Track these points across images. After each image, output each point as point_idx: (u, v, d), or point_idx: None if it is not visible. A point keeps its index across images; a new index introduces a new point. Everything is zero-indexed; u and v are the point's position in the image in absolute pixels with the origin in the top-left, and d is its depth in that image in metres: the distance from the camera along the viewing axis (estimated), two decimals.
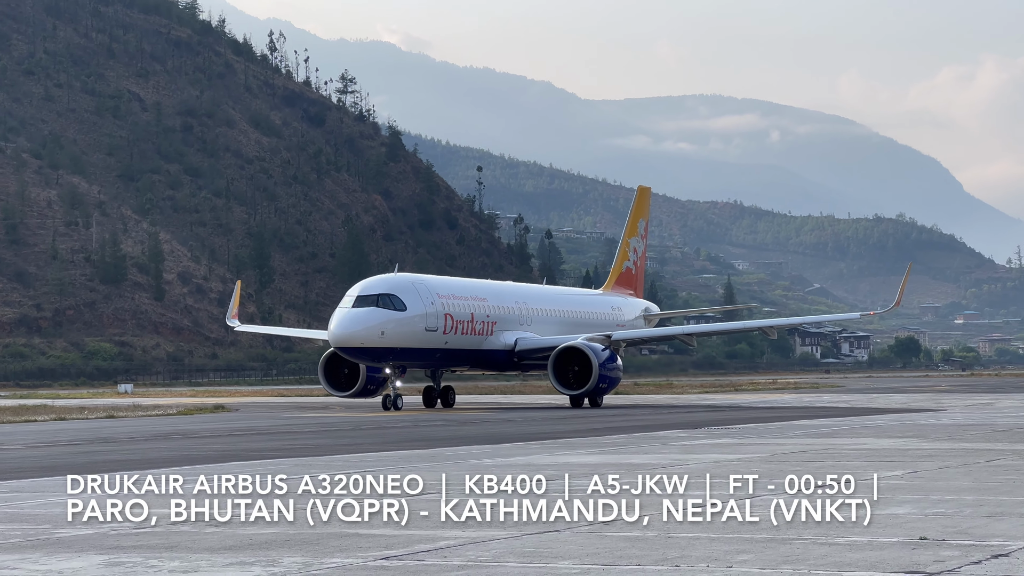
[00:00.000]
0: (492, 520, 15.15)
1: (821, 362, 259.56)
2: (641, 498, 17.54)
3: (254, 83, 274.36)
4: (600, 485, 19.64)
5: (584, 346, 61.95)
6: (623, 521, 14.92)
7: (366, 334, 56.94)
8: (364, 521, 15.21)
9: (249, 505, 17.22)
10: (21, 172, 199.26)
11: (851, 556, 12.20)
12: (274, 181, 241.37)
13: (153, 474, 22.83)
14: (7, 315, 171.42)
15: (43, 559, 12.66)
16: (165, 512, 16.52)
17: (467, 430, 38.98)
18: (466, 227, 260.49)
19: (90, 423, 46.93)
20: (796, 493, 17.98)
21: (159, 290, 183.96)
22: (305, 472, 22.85)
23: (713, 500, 17.10)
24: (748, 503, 16.70)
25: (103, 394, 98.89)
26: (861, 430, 35.70)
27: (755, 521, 14.77)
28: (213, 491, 19.48)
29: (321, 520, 15.38)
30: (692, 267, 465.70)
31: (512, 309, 66.77)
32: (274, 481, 21.01)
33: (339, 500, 17.74)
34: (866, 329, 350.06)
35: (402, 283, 59.92)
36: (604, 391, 62.74)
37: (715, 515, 15.41)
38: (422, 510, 16.33)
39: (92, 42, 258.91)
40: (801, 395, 77.27)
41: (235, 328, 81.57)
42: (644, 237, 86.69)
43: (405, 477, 21.56)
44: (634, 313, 79.24)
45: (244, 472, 22.87)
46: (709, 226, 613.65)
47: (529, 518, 15.30)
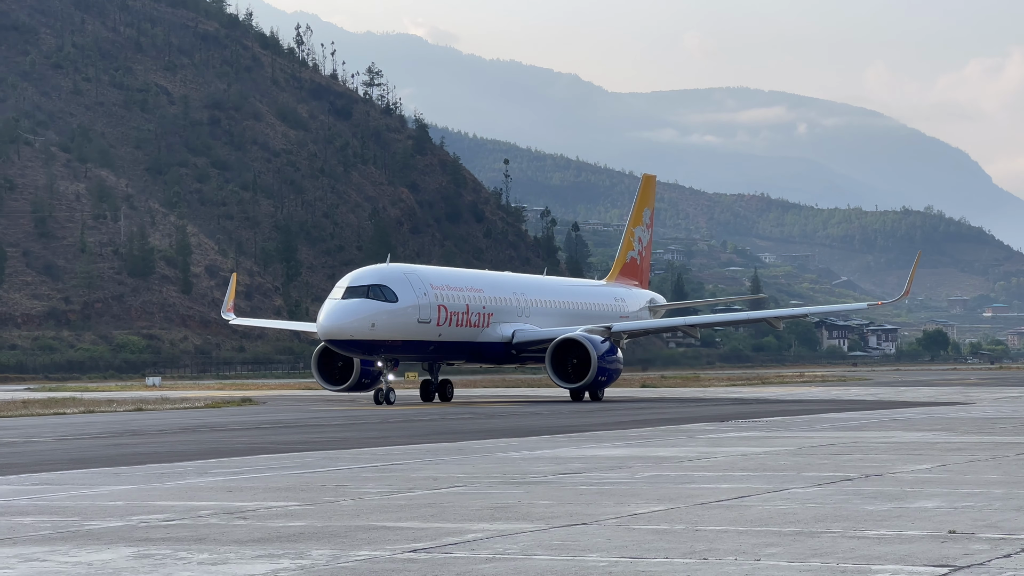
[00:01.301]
0: (520, 513, 15.16)
1: (848, 355, 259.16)
2: (669, 491, 17.53)
3: (281, 76, 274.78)
4: (627, 477, 19.64)
5: (583, 338, 59.88)
6: (650, 514, 14.92)
7: (356, 326, 54.75)
8: (392, 514, 15.24)
9: (277, 498, 17.26)
10: (50, 166, 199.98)
11: (880, 549, 12.17)
12: (301, 174, 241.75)
13: (181, 467, 22.92)
14: (36, 308, 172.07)
15: (73, 551, 12.71)
16: (193, 504, 16.56)
17: (494, 423, 38.99)
18: (493, 220, 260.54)
19: (119, 416, 47.07)
20: (824, 486, 17.96)
21: (186, 283, 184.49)
22: (333, 465, 22.89)
23: (741, 493, 17.09)
24: (776, 496, 16.67)
25: (131, 387, 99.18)
26: (889, 423, 35.60)
27: (783, 514, 14.75)
28: (241, 484, 19.53)
29: (349, 513, 15.41)
30: (719, 260, 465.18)
31: (509, 300, 64.51)
32: (302, 474, 21.06)
33: (367, 493, 17.77)
34: (894, 322, 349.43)
35: (393, 273, 57.75)
36: (604, 384, 60.70)
37: (743, 508, 15.40)
38: (450, 503, 16.35)
39: (120, 36, 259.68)
40: (828, 388, 77.06)
41: (230, 322, 79.02)
42: (650, 226, 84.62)
43: (433, 470, 21.59)
44: (638, 304, 77.01)
45: (272, 465, 22.95)
46: (736, 219, 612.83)
47: (556, 511, 15.31)
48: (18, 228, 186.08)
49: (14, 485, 19.81)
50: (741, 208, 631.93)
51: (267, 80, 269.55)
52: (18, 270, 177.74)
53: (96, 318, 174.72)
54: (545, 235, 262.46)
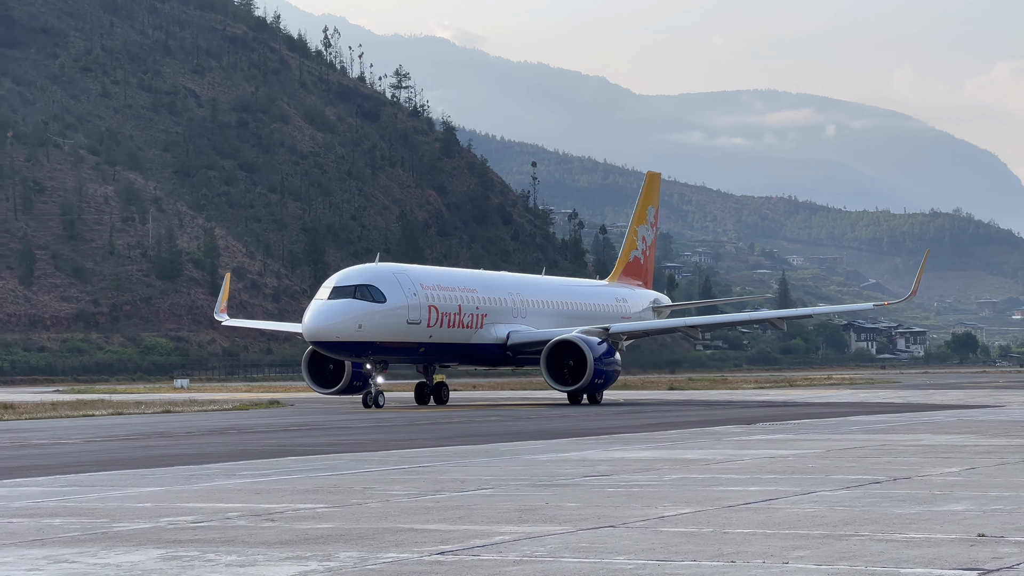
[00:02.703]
0: (547, 515, 15.16)
1: (876, 358, 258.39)
2: (696, 493, 17.51)
3: (309, 79, 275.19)
4: (655, 480, 19.62)
5: (578, 339, 58.48)
6: (678, 516, 14.90)
7: (342, 327, 53.31)
8: (419, 516, 15.25)
9: (305, 500, 17.29)
10: (79, 168, 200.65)
11: (908, 553, 12.14)
12: (328, 176, 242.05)
13: (209, 469, 22.97)
14: (65, 310, 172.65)
15: (101, 552, 12.75)
16: (222, 506, 16.60)
17: (521, 425, 38.99)
18: (520, 222, 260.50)
19: (147, 418, 47.21)
20: (852, 489, 17.91)
21: (214, 285, 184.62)
22: (360, 467, 22.92)
23: (768, 496, 17.06)
24: (804, 499, 16.64)
25: (159, 389, 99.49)
26: (918, 426, 35.50)
27: (811, 517, 14.72)
28: (269, 485, 19.57)
29: (376, 515, 15.43)
30: (746, 262, 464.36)
31: (505, 301, 62.75)
32: (330, 476, 21.09)
33: (394, 495, 17.79)
34: (922, 325, 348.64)
35: (382, 273, 56.22)
36: (601, 387, 59.22)
37: (771, 511, 15.38)
38: (477, 505, 16.35)
39: (148, 39, 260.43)
40: (857, 391, 76.83)
41: (223, 323, 77.07)
42: (654, 225, 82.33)
43: (460, 472, 21.60)
44: (641, 305, 75.25)
45: (300, 467, 22.99)
46: (763, 221, 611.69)
47: (584, 513, 15.31)
48: (47, 231, 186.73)
49: (43, 487, 19.88)
50: (769, 210, 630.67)
51: (295, 83, 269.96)
52: (47, 272, 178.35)
53: (124, 320, 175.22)
54: (573, 237, 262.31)
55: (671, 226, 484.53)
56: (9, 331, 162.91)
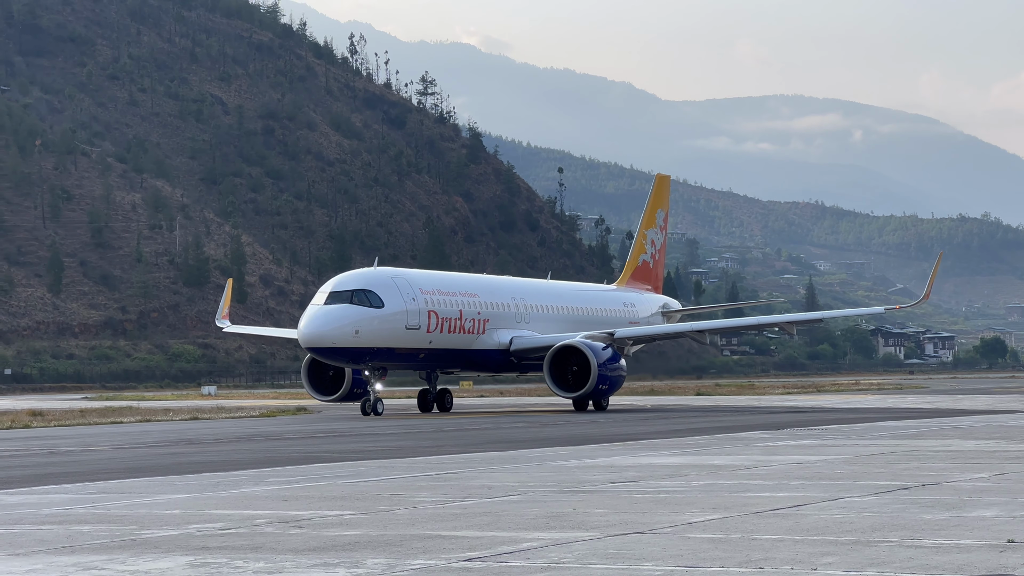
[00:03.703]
0: (575, 521, 15.15)
1: (905, 363, 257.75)
2: (724, 499, 17.47)
3: (335, 86, 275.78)
4: (682, 486, 19.59)
5: (582, 345, 57.08)
6: (706, 522, 14.87)
7: (338, 333, 52.08)
8: (447, 522, 15.25)
9: (332, 506, 17.30)
10: (106, 176, 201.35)
11: (937, 559, 12.09)
12: (355, 183, 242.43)
13: (237, 475, 23.01)
14: (93, 318, 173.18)
15: (130, 559, 12.78)
16: (249, 513, 16.62)
17: (548, 431, 38.95)
18: (547, 228, 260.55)
19: (175, 425, 47.31)
20: (881, 495, 17.85)
21: (241, 292, 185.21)
22: (387, 474, 22.92)
23: (796, 502, 17.01)
24: (832, 505, 16.59)
25: (187, 396, 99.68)
26: (946, 432, 35.37)
27: (840, 523, 14.68)
28: (297, 492, 19.58)
29: (404, 521, 15.43)
30: (773, 268, 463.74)
31: (508, 306, 61.45)
32: (357, 483, 21.10)
33: (421, 501, 17.79)
34: (951, 330, 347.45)
35: (379, 277, 54.87)
36: (605, 393, 58.05)
37: (799, 517, 15.33)
38: (504, 511, 16.34)
39: (175, 47, 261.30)
40: (885, 396, 76.56)
41: (224, 329, 75.15)
42: (663, 229, 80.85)
43: (487, 478, 21.59)
44: (650, 310, 73.96)
45: (327, 474, 23.00)
46: (790, 227, 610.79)
47: (611, 519, 15.28)
48: (75, 238, 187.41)
49: (72, 494, 19.93)
50: (795, 216, 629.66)
51: (321, 89, 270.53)
52: (75, 280, 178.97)
53: (152, 327, 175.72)
54: (599, 243, 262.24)
55: (698, 232, 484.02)
56: (38, 338, 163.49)
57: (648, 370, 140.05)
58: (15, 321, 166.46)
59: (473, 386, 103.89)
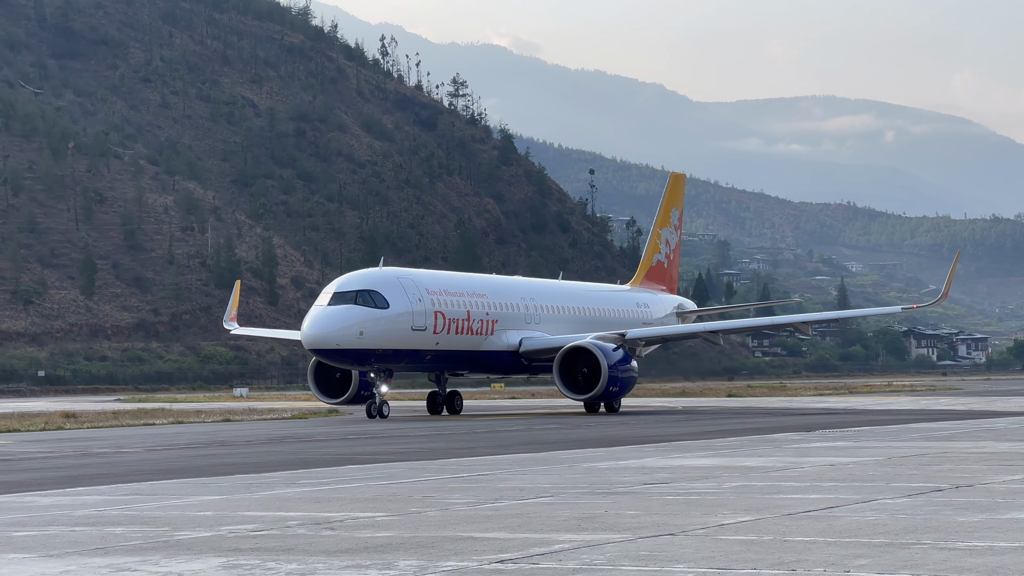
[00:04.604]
0: (606, 523, 15.13)
1: (937, 364, 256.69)
2: (756, 501, 17.43)
3: (366, 87, 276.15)
4: (714, 487, 19.55)
5: (592, 345, 56.42)
6: (738, 524, 14.84)
7: (341, 335, 51.42)
8: (478, 524, 15.25)
9: (364, 508, 17.32)
10: (138, 178, 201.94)
11: (971, 561, 12.05)
12: (386, 185, 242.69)
13: (269, 477, 23.06)
14: (125, 320, 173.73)
15: (163, 561, 12.81)
16: (281, 515, 16.65)
17: (580, 433, 38.94)
18: (579, 230, 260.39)
19: (207, 426, 47.43)
20: (914, 497, 17.79)
21: (273, 294, 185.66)
22: (419, 475, 22.94)
23: (829, 504, 16.96)
24: (865, 507, 16.54)
25: (219, 398, 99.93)
26: (980, 433, 35.23)
27: (872, 525, 14.63)
28: (328, 494, 19.61)
29: (435, 523, 15.43)
30: (805, 269, 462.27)
31: (517, 306, 60.55)
32: (389, 484, 21.12)
33: (453, 503, 17.80)
34: (984, 331, 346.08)
35: (385, 278, 54.07)
36: (616, 395, 57.31)
37: (831, 519, 15.29)
38: (536, 513, 16.34)
39: (207, 49, 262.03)
40: (917, 398, 76.34)
41: (231, 331, 74.83)
42: (678, 228, 79.64)
43: (519, 480, 21.59)
44: (664, 310, 72.73)
45: (359, 475, 23.03)
46: (822, 228, 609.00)
47: (643, 521, 15.26)
48: (108, 240, 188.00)
49: (105, 495, 20.00)
50: (827, 217, 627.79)
51: (352, 91, 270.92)
52: (108, 282, 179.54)
53: (184, 329, 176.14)
54: (631, 245, 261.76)
55: (729, 233, 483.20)
56: (71, 340, 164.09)
57: (680, 372, 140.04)
58: (48, 323, 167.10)
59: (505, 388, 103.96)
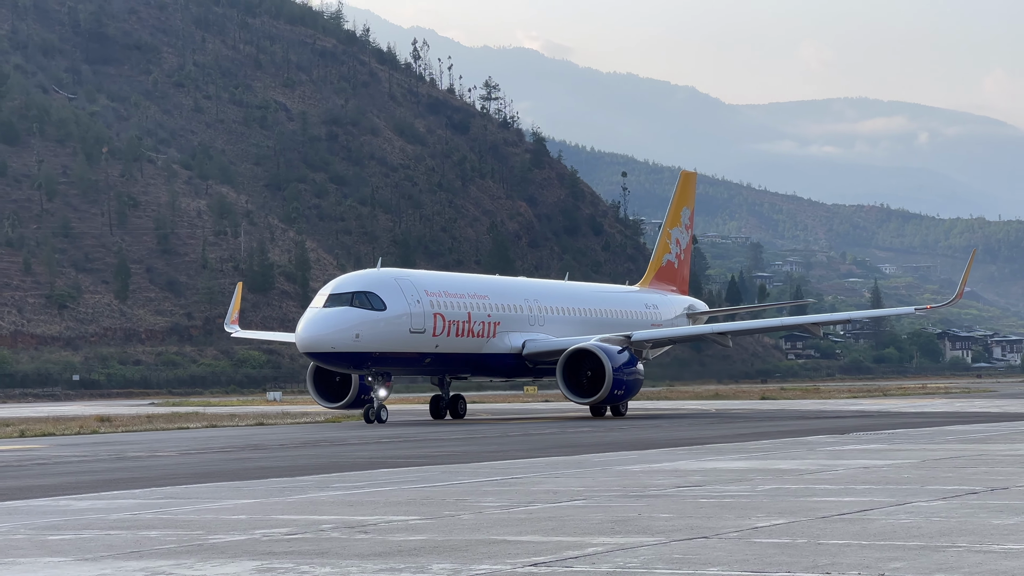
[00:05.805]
0: (640, 526, 15.10)
1: (972, 367, 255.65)
2: (790, 504, 17.37)
3: (398, 91, 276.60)
4: (748, 490, 19.50)
5: (596, 348, 55.41)
6: (772, 527, 14.79)
7: (337, 337, 50.01)
8: (512, 527, 15.23)
9: (398, 512, 17.32)
10: (172, 183, 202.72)
11: (1007, 564, 11.99)
12: (419, 188, 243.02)
13: (303, 481, 23.09)
14: (159, 324, 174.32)
15: (197, 564, 12.84)
16: (315, 518, 16.67)
17: (613, 436, 38.88)
18: (611, 233, 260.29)
19: (241, 430, 47.52)
20: (949, 500, 17.71)
21: (306, 298, 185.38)
22: (452, 479, 22.93)
23: (863, 506, 16.90)
24: (899, 510, 16.48)
25: (252, 401, 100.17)
26: (1016, 436, 35.05)
27: (907, 528, 14.56)
28: (362, 498, 19.62)
29: (469, 527, 15.42)
30: (838, 271, 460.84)
31: (520, 308, 59.31)
32: (422, 488, 21.13)
33: (487, 506, 17.78)
34: (1018, 333, 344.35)
35: (382, 279, 52.84)
36: (621, 398, 56.11)
37: (866, 522, 15.23)
38: (570, 516, 16.32)
39: (240, 54, 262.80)
40: (952, 400, 75.97)
41: (233, 335, 75.97)
42: (689, 228, 78.66)
43: (552, 483, 21.57)
44: (674, 312, 71.51)
45: (392, 479, 23.04)
46: (855, 230, 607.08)
47: (677, 524, 15.23)
48: (142, 245, 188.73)
49: (140, 499, 20.05)
50: (860, 219, 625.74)
51: (384, 95, 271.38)
52: (142, 286, 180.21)
53: (218, 333, 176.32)
54: None
55: (762, 235, 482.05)
56: (105, 345, 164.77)
57: (713, 374, 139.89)
58: (83, 327, 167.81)
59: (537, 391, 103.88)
